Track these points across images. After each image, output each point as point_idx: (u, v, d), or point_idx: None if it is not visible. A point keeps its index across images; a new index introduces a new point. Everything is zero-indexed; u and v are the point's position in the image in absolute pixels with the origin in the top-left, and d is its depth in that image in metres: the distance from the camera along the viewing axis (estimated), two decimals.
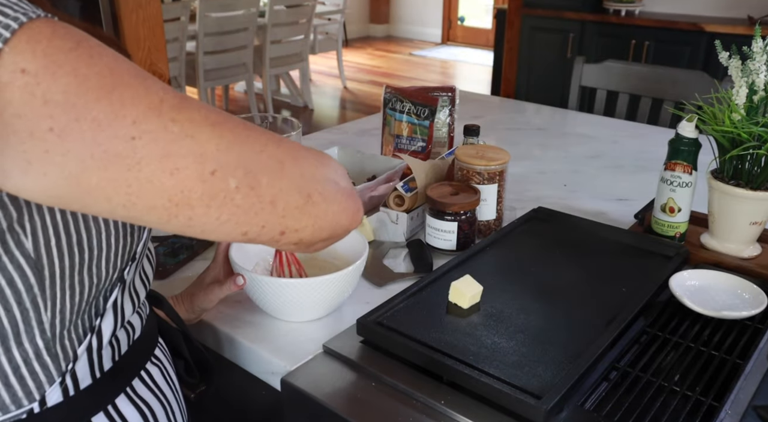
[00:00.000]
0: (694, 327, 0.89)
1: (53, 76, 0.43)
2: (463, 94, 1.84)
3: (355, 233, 0.96)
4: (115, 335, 0.64)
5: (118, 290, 0.63)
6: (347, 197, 0.56)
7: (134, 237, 0.61)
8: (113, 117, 0.44)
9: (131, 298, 0.66)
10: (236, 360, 0.91)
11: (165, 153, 0.45)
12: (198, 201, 0.47)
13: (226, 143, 0.48)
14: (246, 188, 0.48)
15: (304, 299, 0.87)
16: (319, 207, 0.53)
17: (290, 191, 0.51)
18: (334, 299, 0.89)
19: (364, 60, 7.44)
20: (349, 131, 1.87)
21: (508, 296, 0.93)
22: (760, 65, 1.01)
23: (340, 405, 0.76)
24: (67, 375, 0.59)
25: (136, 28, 2.24)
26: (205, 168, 0.47)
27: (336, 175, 0.56)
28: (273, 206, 0.50)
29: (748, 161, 1.03)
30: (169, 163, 0.46)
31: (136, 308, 0.67)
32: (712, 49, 1.39)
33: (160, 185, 0.46)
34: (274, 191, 0.50)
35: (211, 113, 0.49)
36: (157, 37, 2.30)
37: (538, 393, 0.72)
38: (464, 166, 1.16)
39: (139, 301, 0.68)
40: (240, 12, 4.49)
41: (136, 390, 0.67)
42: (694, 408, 0.74)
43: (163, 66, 2.34)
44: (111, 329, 0.63)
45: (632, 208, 1.26)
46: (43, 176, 0.44)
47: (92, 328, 0.61)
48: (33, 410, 0.58)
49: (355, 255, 0.92)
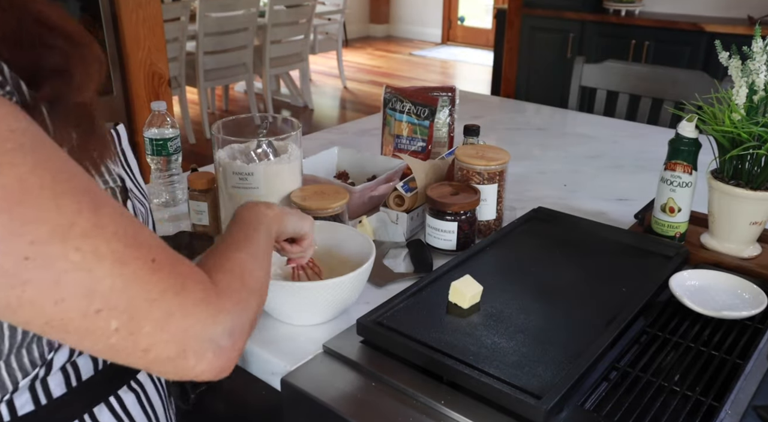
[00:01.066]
0: (694, 327, 0.89)
1: None
2: (463, 94, 1.84)
3: (362, 235, 0.96)
4: (73, 360, 0.62)
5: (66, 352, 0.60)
6: (220, 357, 0.53)
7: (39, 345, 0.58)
8: (8, 233, 0.43)
9: None
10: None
11: (55, 281, 0.45)
12: (74, 331, 0.47)
13: (121, 284, 0.47)
14: (125, 333, 0.48)
15: (310, 303, 0.86)
16: (188, 362, 0.51)
17: (168, 344, 0.50)
18: (340, 302, 0.89)
19: (364, 60, 7.44)
20: (349, 131, 1.87)
21: (508, 296, 0.93)
22: (760, 65, 1.01)
23: (340, 405, 0.76)
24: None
25: (136, 28, 2.24)
26: (91, 306, 0.46)
27: (222, 331, 0.53)
28: (145, 353, 0.49)
29: (748, 161, 1.03)
30: (56, 292, 0.45)
31: None
32: (712, 49, 1.39)
33: (40, 310, 0.45)
34: (152, 341, 0.49)
35: (124, 247, 0.47)
36: (157, 37, 2.30)
37: (538, 393, 0.72)
38: (464, 166, 1.16)
39: None
40: (240, 12, 4.48)
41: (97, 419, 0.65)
42: (694, 408, 0.74)
43: (163, 66, 2.34)
44: (65, 359, 0.61)
45: (632, 208, 1.26)
46: None
47: (43, 361, 0.58)
48: None
49: (362, 258, 0.92)
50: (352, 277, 0.87)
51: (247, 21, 4.54)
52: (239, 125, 1.13)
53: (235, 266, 0.59)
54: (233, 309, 0.54)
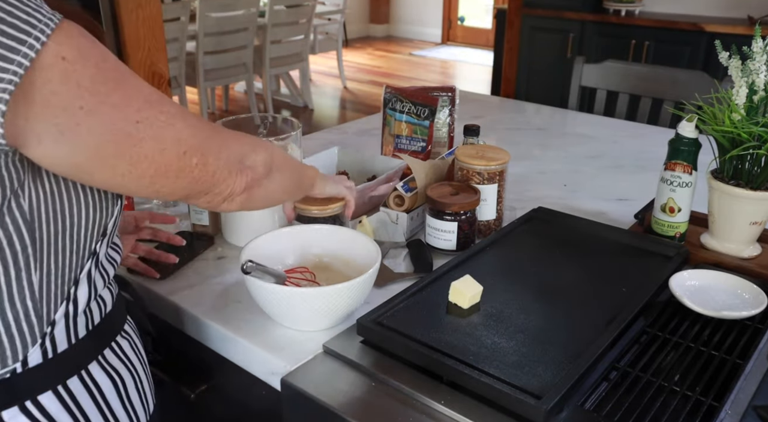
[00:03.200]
0: (694, 327, 0.89)
1: (84, 66, 0.54)
2: (463, 94, 1.84)
3: (368, 240, 0.95)
4: (89, 306, 0.70)
5: (91, 262, 0.69)
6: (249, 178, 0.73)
7: (107, 212, 0.70)
8: (126, 104, 0.57)
9: (101, 274, 0.72)
10: (236, 360, 0.91)
11: (157, 136, 0.60)
12: (173, 173, 0.63)
13: (192, 131, 0.64)
14: (201, 164, 0.65)
15: (317, 309, 0.86)
16: (233, 179, 0.71)
17: (223, 168, 0.69)
18: (346, 307, 0.88)
19: (364, 60, 7.44)
20: (349, 131, 1.87)
21: (508, 296, 0.93)
22: (760, 65, 1.01)
23: (340, 405, 0.76)
24: (47, 338, 0.65)
25: (136, 28, 2.24)
26: (180, 149, 0.63)
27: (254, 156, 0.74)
28: (213, 176, 0.68)
29: (748, 161, 1.03)
30: (159, 144, 0.60)
31: (106, 284, 0.74)
32: (712, 49, 1.39)
33: (152, 160, 0.60)
34: (216, 166, 0.68)
35: (177, 108, 0.63)
36: (157, 37, 2.29)
37: (538, 393, 0.72)
38: (464, 166, 1.16)
39: (108, 278, 0.74)
40: (240, 12, 4.48)
41: (107, 359, 0.73)
42: (694, 408, 0.74)
43: (163, 66, 2.34)
44: (85, 298, 0.69)
45: (632, 208, 1.26)
46: (72, 146, 0.56)
47: (69, 296, 0.67)
48: (16, 370, 0.63)
49: (368, 263, 0.91)
50: (359, 282, 0.86)
51: (247, 21, 4.54)
52: (239, 125, 1.13)
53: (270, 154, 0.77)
54: (265, 150, 0.75)
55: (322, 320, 0.88)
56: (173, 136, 0.61)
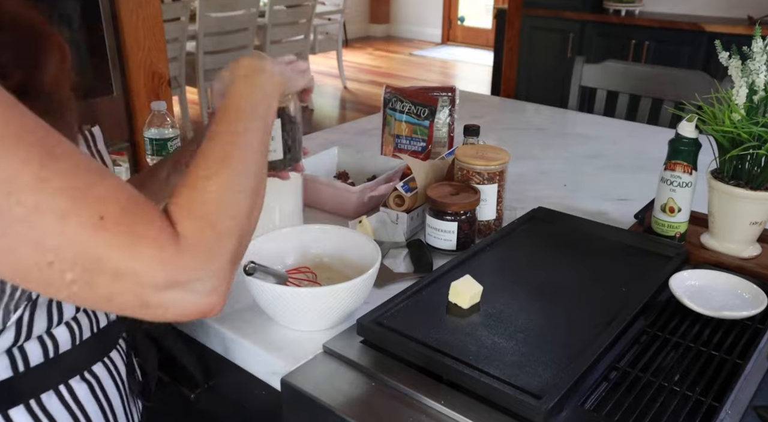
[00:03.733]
0: (694, 327, 0.89)
1: None
2: (463, 94, 1.84)
3: (368, 240, 0.95)
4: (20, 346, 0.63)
5: (25, 309, 0.61)
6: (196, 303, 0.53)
7: None
8: None
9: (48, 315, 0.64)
10: (236, 360, 0.91)
11: (3, 232, 0.45)
12: (35, 281, 0.49)
13: (65, 240, 0.47)
14: (82, 283, 0.48)
15: (318, 309, 0.86)
16: (156, 311, 0.52)
17: (126, 295, 0.50)
18: (346, 307, 0.88)
19: (364, 60, 7.44)
20: (349, 131, 1.86)
21: (508, 296, 0.93)
22: (760, 65, 1.01)
23: (340, 405, 0.76)
24: None
25: (136, 28, 2.23)
26: (43, 258, 0.47)
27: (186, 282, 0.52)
28: (109, 302, 0.50)
29: (748, 161, 1.03)
30: (6, 242, 0.46)
31: (53, 327, 0.65)
32: (712, 49, 1.39)
33: None
34: (110, 291, 0.49)
35: (70, 203, 0.47)
36: (157, 37, 2.29)
37: (538, 393, 0.72)
38: (464, 166, 1.16)
39: (61, 319, 0.65)
40: (240, 12, 4.48)
41: (43, 404, 0.65)
42: (694, 408, 0.74)
43: (163, 66, 2.34)
44: (9, 343, 0.61)
45: (632, 208, 1.26)
46: None
47: None
48: None
49: (368, 263, 0.91)
50: (360, 281, 0.86)
51: (247, 21, 4.54)
52: None
53: (208, 207, 0.56)
54: (197, 264, 0.52)
55: (323, 320, 0.88)
56: (30, 238, 0.46)
